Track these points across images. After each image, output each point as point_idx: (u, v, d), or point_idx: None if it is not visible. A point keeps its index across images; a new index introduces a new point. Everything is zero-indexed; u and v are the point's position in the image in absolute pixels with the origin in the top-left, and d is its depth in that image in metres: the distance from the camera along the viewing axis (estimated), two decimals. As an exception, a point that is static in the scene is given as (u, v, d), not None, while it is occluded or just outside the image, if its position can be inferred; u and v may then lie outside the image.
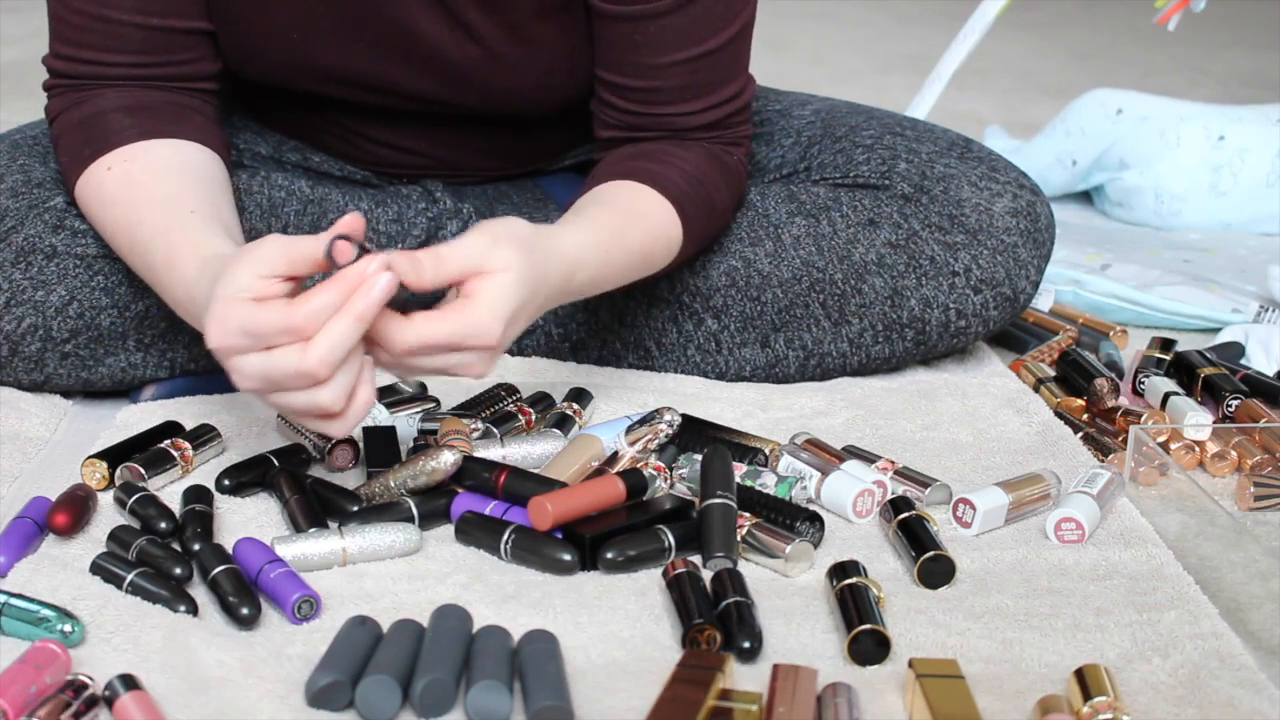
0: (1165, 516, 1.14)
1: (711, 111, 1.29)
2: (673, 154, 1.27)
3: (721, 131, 1.31)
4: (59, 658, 0.88)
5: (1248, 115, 2.06)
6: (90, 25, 1.24)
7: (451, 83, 1.32)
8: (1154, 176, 2.02)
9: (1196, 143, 2.02)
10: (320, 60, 1.30)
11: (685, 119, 1.29)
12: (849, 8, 4.25)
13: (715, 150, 1.30)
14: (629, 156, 1.28)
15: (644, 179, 1.24)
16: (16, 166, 1.31)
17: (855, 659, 0.94)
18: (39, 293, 1.27)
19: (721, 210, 1.31)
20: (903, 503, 1.10)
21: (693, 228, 1.26)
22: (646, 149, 1.28)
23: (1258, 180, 2.02)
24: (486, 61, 1.30)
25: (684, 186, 1.25)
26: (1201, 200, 2.02)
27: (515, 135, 1.43)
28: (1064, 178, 2.12)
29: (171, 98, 1.26)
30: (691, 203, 1.25)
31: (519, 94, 1.33)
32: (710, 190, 1.28)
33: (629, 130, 1.30)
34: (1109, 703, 0.87)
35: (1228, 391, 1.35)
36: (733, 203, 1.33)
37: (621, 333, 1.39)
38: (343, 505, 1.11)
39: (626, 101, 1.29)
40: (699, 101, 1.29)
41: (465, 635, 0.93)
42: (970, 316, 1.37)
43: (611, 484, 1.08)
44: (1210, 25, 3.27)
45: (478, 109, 1.35)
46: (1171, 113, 2.05)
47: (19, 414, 1.27)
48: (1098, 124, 2.06)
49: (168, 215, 1.15)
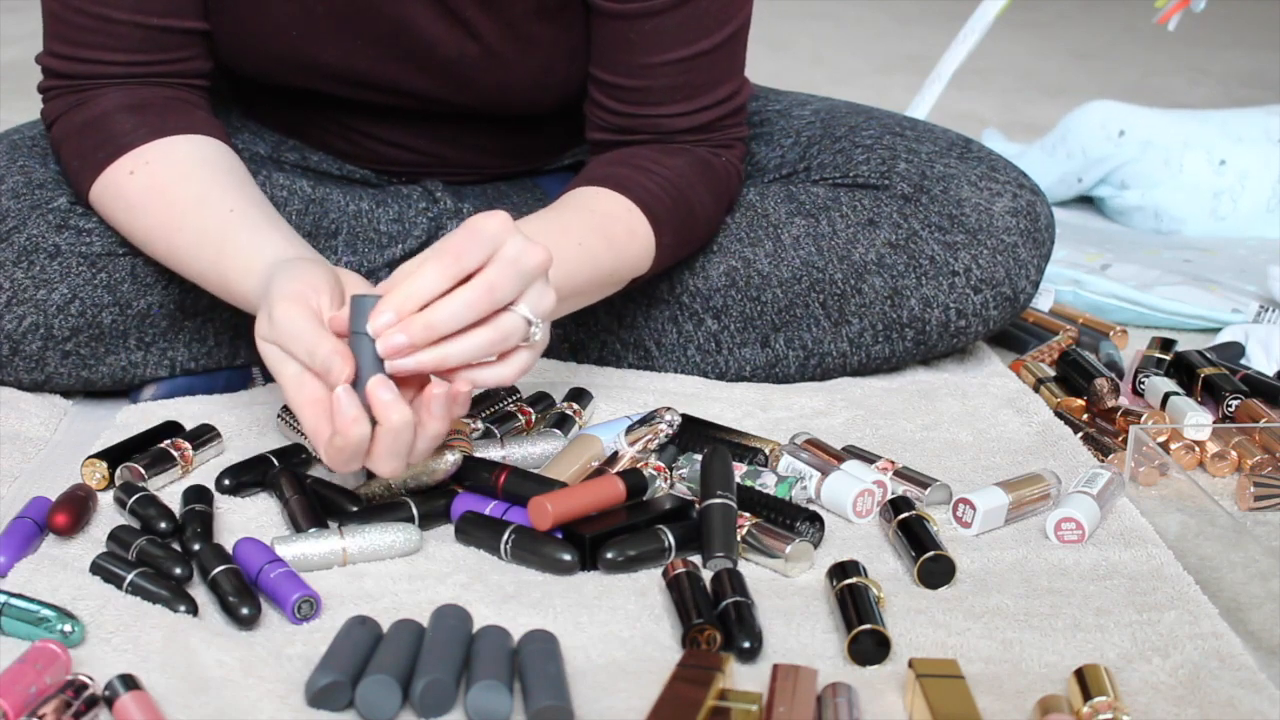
0: (1165, 516, 1.14)
1: (703, 114, 1.30)
2: (655, 160, 1.27)
3: (712, 134, 1.31)
4: (59, 658, 0.88)
5: (1249, 132, 2.05)
6: (90, 25, 1.24)
7: (449, 81, 1.32)
8: (1154, 199, 2.03)
9: (1198, 169, 2.02)
10: (318, 57, 1.30)
11: (675, 120, 1.29)
12: (849, 8, 4.25)
13: (703, 155, 1.30)
14: (610, 162, 1.28)
15: (616, 186, 1.24)
16: (17, 167, 1.31)
17: (855, 659, 0.94)
18: (40, 291, 1.27)
19: (704, 217, 1.31)
20: (903, 503, 1.10)
21: (667, 234, 1.26)
22: (630, 154, 1.28)
23: (1258, 205, 2.02)
24: (484, 59, 1.30)
25: (658, 193, 1.25)
26: (1201, 224, 2.02)
27: (514, 134, 1.43)
28: (1068, 194, 2.13)
29: (169, 94, 1.26)
30: (666, 210, 1.25)
31: (516, 92, 1.33)
32: (690, 197, 1.28)
33: (618, 133, 1.31)
34: (1109, 703, 0.87)
35: (1228, 391, 1.35)
36: (718, 208, 1.33)
37: (621, 333, 1.39)
38: (343, 505, 1.10)
39: (617, 102, 1.29)
40: (690, 103, 1.29)
41: (465, 635, 0.93)
42: (970, 316, 1.37)
43: (611, 484, 1.08)
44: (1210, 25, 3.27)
45: (475, 107, 1.35)
46: (1174, 136, 2.04)
47: (19, 414, 1.27)
48: (1099, 146, 2.06)
49: (205, 218, 1.17)
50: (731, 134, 1.33)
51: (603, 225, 1.22)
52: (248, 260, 1.12)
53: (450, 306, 0.99)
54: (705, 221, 1.31)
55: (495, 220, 1.01)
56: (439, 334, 0.99)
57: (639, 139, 1.30)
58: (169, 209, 1.19)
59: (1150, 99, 2.99)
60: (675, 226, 1.27)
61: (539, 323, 1.03)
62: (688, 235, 1.30)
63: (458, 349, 1.00)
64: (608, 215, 1.23)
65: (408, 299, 0.99)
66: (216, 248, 1.15)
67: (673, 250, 1.29)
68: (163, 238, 1.19)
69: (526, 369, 1.04)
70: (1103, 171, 2.07)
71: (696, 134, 1.30)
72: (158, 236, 1.20)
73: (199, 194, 1.18)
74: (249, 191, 1.20)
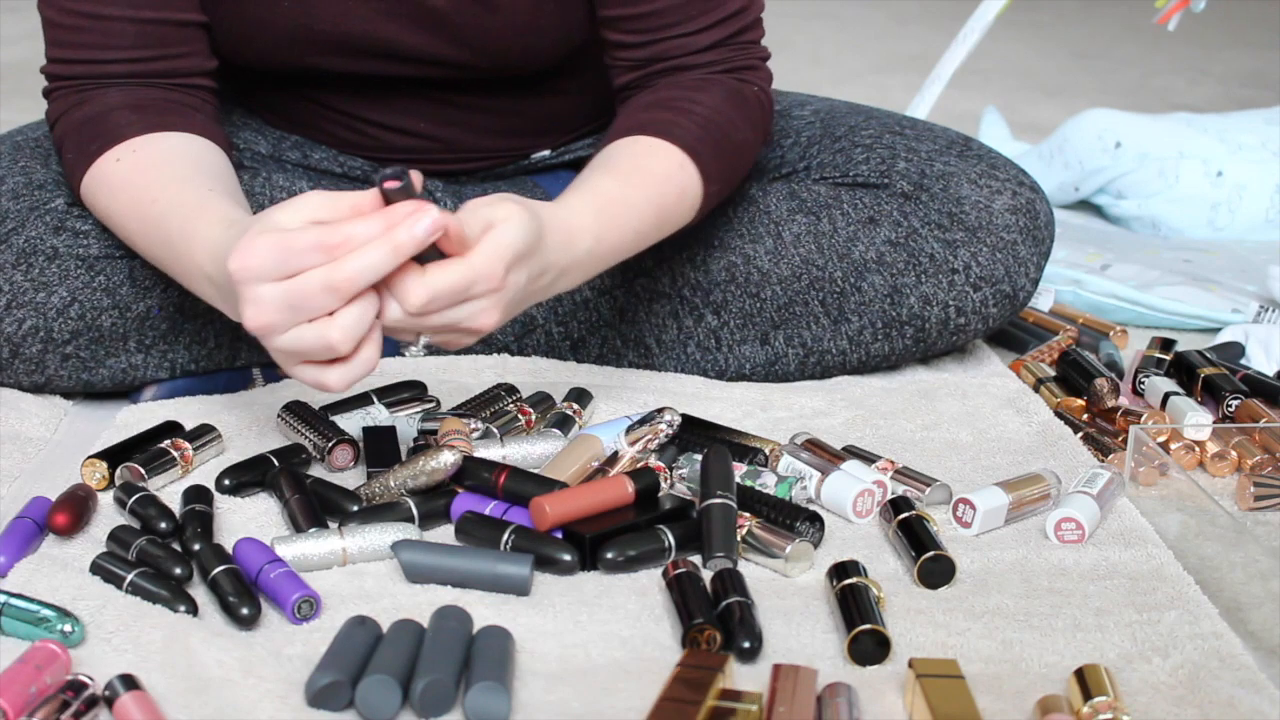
0: (1165, 516, 1.14)
1: (720, 27, 1.29)
2: (687, 99, 1.26)
3: (732, 52, 1.30)
4: (59, 658, 0.88)
5: (1247, 140, 2.05)
6: (84, 25, 1.24)
7: (442, 33, 1.31)
8: (1152, 209, 2.03)
9: (1195, 180, 2.02)
10: (314, 25, 1.30)
11: (692, 39, 1.28)
12: (849, 8, 4.25)
13: (732, 85, 1.29)
14: (641, 108, 1.27)
15: (653, 131, 1.23)
16: (18, 169, 1.31)
17: (855, 659, 0.94)
18: (40, 294, 1.27)
19: (744, 146, 1.29)
20: (903, 503, 1.10)
21: (712, 171, 1.24)
22: (661, 97, 1.27)
23: (1255, 217, 2.02)
24: (472, 4, 1.30)
25: (696, 130, 1.24)
26: (1199, 235, 2.02)
27: (513, 109, 1.42)
28: (1065, 201, 2.13)
29: (173, 96, 1.26)
30: (707, 146, 1.24)
31: (505, 39, 1.32)
32: (728, 129, 1.26)
33: (643, 67, 1.30)
34: (1109, 703, 0.87)
35: (1228, 391, 1.35)
36: (755, 136, 1.32)
37: (621, 329, 1.39)
38: (343, 505, 1.11)
39: (630, 35, 1.29)
40: (705, 17, 1.28)
41: (465, 635, 0.93)
42: (970, 314, 1.37)
43: (618, 485, 1.08)
44: (1210, 25, 3.27)
45: (468, 63, 1.34)
46: (1170, 146, 2.04)
47: (19, 414, 1.27)
48: (1096, 157, 2.06)
49: (183, 192, 1.15)
50: (754, 53, 1.32)
51: (658, 197, 1.21)
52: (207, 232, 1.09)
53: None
54: (747, 156, 1.31)
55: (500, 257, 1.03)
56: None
57: (664, 68, 1.29)
58: (145, 188, 1.17)
59: (1150, 99, 3.00)
60: (721, 170, 1.26)
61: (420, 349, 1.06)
62: (731, 176, 1.29)
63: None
64: (663, 178, 1.21)
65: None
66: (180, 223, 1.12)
67: (717, 196, 1.28)
68: (135, 213, 1.17)
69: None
70: (1099, 182, 2.07)
71: (719, 50, 1.30)
72: (130, 213, 1.18)
73: (180, 175, 1.17)
74: (231, 187, 1.19)
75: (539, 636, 0.96)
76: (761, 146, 1.35)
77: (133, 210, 1.18)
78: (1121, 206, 2.06)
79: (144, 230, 1.17)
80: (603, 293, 1.38)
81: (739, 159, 1.29)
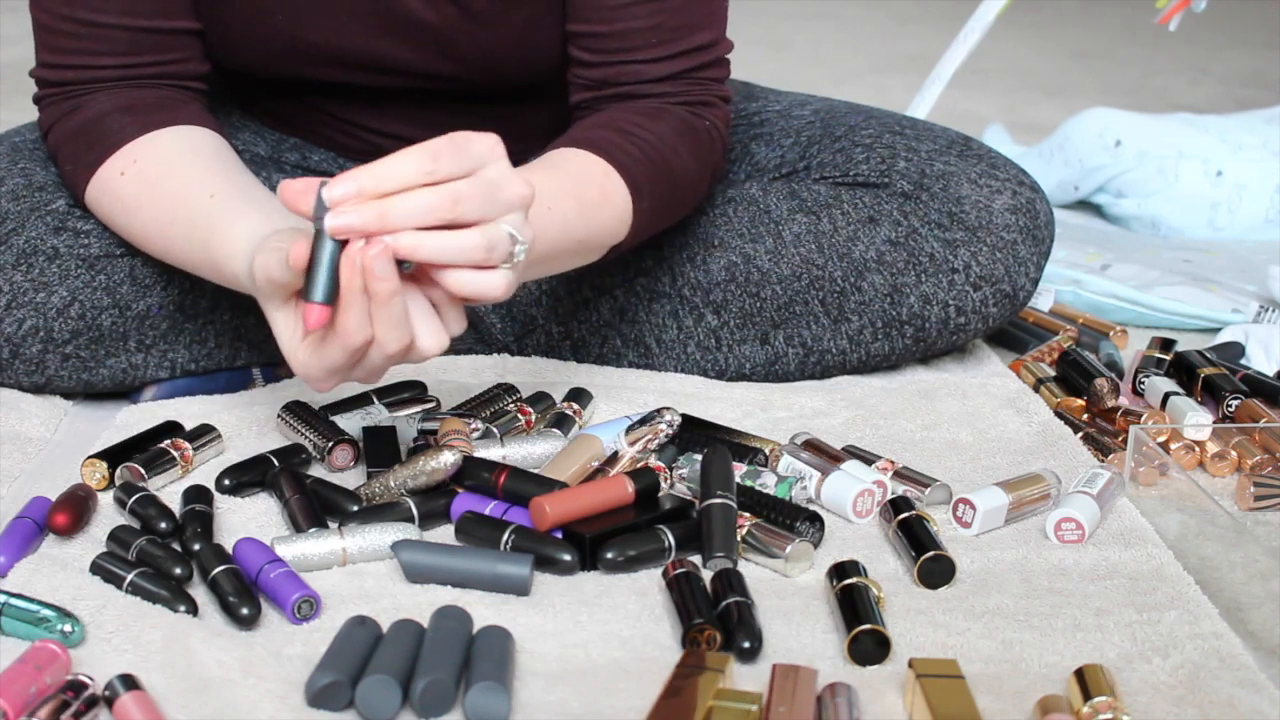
0: (1165, 516, 1.14)
1: (679, 60, 1.28)
2: (635, 123, 1.25)
3: (690, 86, 1.29)
4: (59, 658, 0.88)
5: (1248, 139, 2.05)
6: (77, 31, 1.24)
7: (433, 49, 1.31)
8: (1151, 208, 2.03)
9: (1194, 179, 2.02)
10: (307, 38, 1.30)
11: (651, 67, 1.28)
12: (849, 8, 4.25)
13: (684, 116, 1.29)
14: (589, 126, 1.26)
15: (592, 148, 1.22)
16: (17, 170, 1.31)
17: (855, 659, 0.94)
18: (40, 294, 1.27)
19: (686, 182, 1.28)
20: (903, 503, 1.10)
21: (642, 186, 1.23)
22: (610, 118, 1.26)
23: (1255, 217, 2.02)
24: (465, 21, 1.29)
25: (636, 155, 1.23)
26: (1198, 234, 2.02)
27: (509, 116, 1.42)
28: (1065, 200, 2.13)
29: (163, 93, 1.26)
30: (640, 165, 1.23)
31: (500, 54, 1.32)
32: (672, 161, 1.25)
33: (597, 88, 1.29)
34: (1109, 703, 0.87)
35: (1228, 391, 1.35)
36: (701, 173, 1.31)
37: (622, 328, 1.39)
38: (343, 505, 1.11)
39: (593, 53, 1.28)
40: (665, 48, 1.28)
41: (465, 635, 0.93)
42: (970, 313, 1.37)
43: (618, 485, 1.08)
44: (1210, 25, 3.27)
45: (462, 76, 1.34)
46: (1170, 145, 2.04)
47: (19, 414, 1.27)
48: (1096, 156, 2.06)
49: (190, 208, 1.16)
50: (713, 90, 1.31)
51: (574, 188, 1.19)
52: (230, 245, 1.11)
53: (408, 202, 0.95)
54: (688, 186, 1.29)
55: (484, 140, 0.98)
56: (390, 225, 0.94)
57: (618, 92, 1.29)
58: (158, 205, 1.18)
59: (1151, 99, 3.00)
60: (655, 190, 1.24)
61: (524, 243, 0.99)
62: (669, 200, 1.27)
63: (438, 243, 0.96)
64: (581, 178, 1.20)
65: (370, 179, 0.95)
66: (204, 237, 1.14)
67: (653, 216, 1.26)
68: (158, 234, 1.19)
69: (510, 289, 1.00)
70: (1099, 181, 2.07)
71: (675, 82, 1.29)
72: (153, 233, 1.20)
73: (182, 185, 1.18)
74: (229, 174, 1.19)
75: (539, 636, 0.96)
76: (709, 182, 1.34)
77: (156, 232, 1.19)
78: (1121, 205, 2.06)
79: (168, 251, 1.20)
80: (603, 293, 1.38)
81: (676, 185, 1.27)
